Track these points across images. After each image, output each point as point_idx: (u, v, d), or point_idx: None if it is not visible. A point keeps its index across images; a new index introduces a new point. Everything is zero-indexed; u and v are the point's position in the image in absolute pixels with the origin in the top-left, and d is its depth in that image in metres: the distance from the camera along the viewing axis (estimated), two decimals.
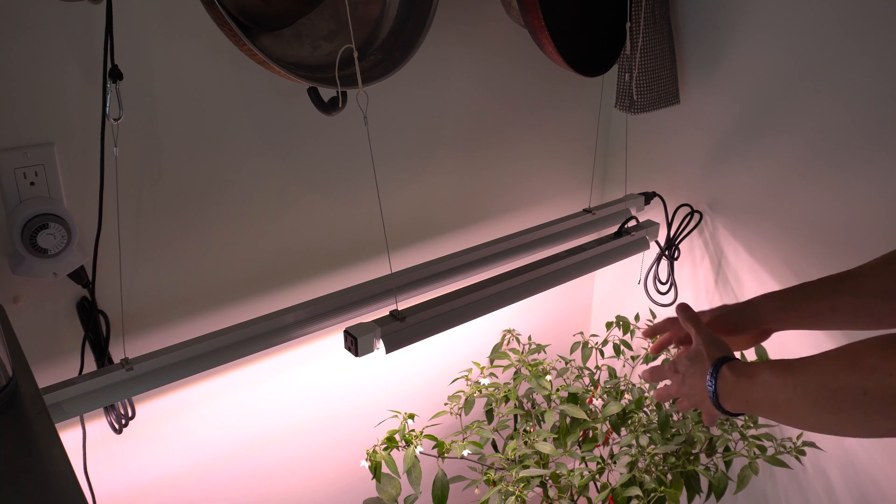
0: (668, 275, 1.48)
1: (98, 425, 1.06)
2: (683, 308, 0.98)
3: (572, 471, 1.21)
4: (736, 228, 1.38)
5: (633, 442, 1.25)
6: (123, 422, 1.03)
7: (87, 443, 1.04)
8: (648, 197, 1.45)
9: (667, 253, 1.46)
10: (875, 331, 0.90)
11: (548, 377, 1.35)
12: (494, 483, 1.18)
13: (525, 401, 1.37)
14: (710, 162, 1.39)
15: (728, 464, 1.25)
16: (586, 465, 1.24)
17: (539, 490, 1.24)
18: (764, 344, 1.03)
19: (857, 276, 0.88)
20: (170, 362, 0.99)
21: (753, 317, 0.96)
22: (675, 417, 1.32)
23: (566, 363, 1.42)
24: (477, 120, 1.33)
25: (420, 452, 1.18)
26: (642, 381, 1.40)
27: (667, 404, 1.33)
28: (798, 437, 1.26)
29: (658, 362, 1.01)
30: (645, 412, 1.31)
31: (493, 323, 1.50)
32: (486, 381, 1.34)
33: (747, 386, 0.79)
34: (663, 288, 1.49)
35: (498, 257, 1.29)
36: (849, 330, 0.91)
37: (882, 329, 0.86)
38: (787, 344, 1.30)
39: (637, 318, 1.53)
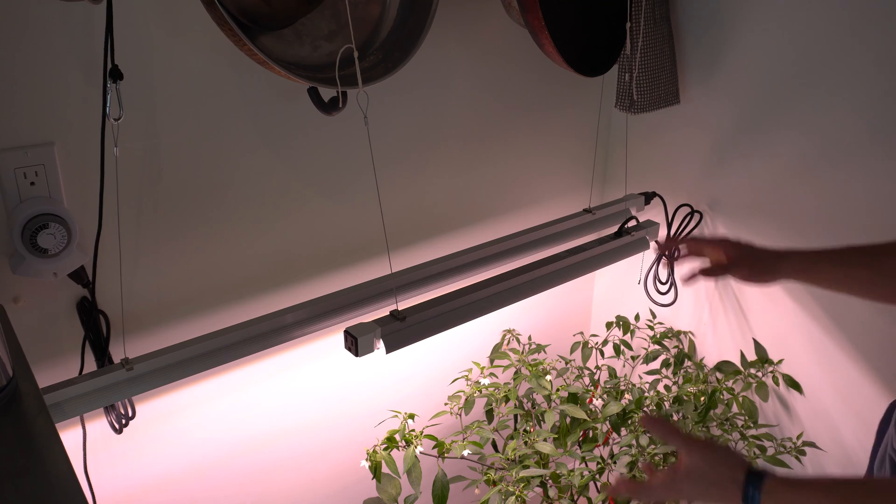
0: (668, 275, 1.48)
1: (98, 425, 1.06)
2: (653, 423, 0.89)
3: (572, 471, 1.21)
4: (736, 228, 1.38)
5: (633, 442, 1.25)
6: (123, 422, 1.03)
7: (87, 443, 1.04)
8: (648, 197, 1.45)
9: (667, 253, 1.46)
10: (886, 304, 0.95)
11: (548, 377, 1.35)
12: (494, 483, 1.18)
13: (525, 401, 1.37)
14: (710, 162, 1.39)
15: None
16: (586, 465, 1.24)
17: (539, 490, 1.24)
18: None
19: (881, 254, 0.90)
20: (170, 362, 0.99)
21: (774, 267, 0.98)
22: (675, 417, 1.32)
23: (566, 363, 1.42)
24: (477, 120, 1.33)
25: (420, 452, 1.18)
26: (642, 381, 1.41)
27: (667, 404, 1.33)
28: (798, 437, 1.26)
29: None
30: (645, 412, 1.31)
31: (493, 323, 1.50)
32: (486, 381, 1.34)
33: None
34: (663, 288, 1.49)
35: (498, 257, 1.29)
36: (859, 297, 0.94)
37: (891, 304, 0.89)
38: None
39: (637, 318, 1.53)
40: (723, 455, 0.78)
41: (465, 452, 1.20)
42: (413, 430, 1.20)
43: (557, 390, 1.34)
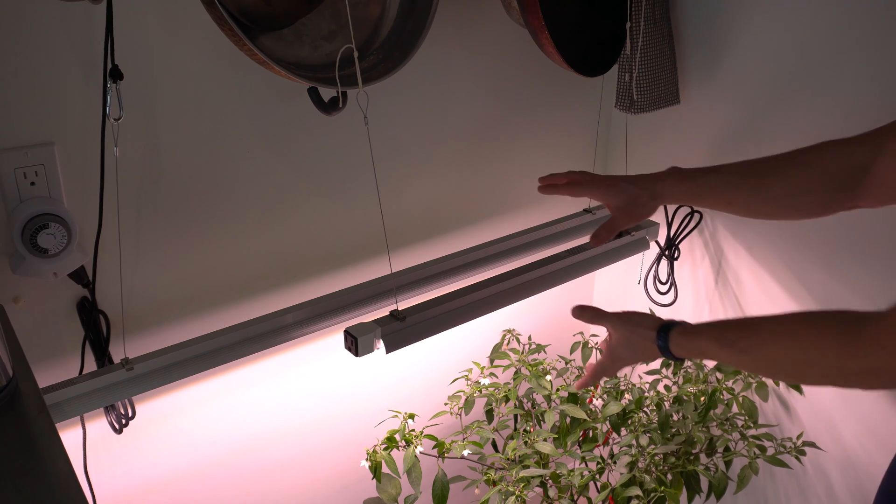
0: (668, 275, 1.48)
1: (98, 425, 1.06)
2: (583, 309, 1.02)
3: (572, 471, 1.21)
4: (736, 228, 1.38)
5: (633, 442, 1.25)
6: (123, 422, 1.03)
7: (87, 443, 1.04)
8: None
9: (667, 253, 1.46)
10: (766, 220, 1.06)
11: (548, 377, 1.35)
12: (494, 483, 1.18)
13: (525, 401, 1.37)
14: (710, 162, 1.38)
15: (728, 464, 1.26)
16: (586, 465, 1.24)
17: (539, 490, 1.24)
18: None
19: (760, 175, 0.93)
20: (170, 362, 0.99)
21: (654, 196, 1.01)
22: (675, 417, 1.32)
23: (566, 363, 1.42)
24: (477, 120, 1.33)
25: (420, 452, 1.18)
26: (642, 381, 1.41)
27: (667, 404, 1.33)
28: (798, 437, 1.26)
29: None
30: (645, 412, 1.31)
31: (493, 323, 1.50)
32: (486, 381, 1.34)
33: (696, 354, 0.89)
34: (663, 288, 1.49)
35: (498, 257, 1.29)
36: (738, 216, 0.98)
37: (766, 219, 1.02)
38: None
39: None
40: (640, 320, 0.94)
41: (465, 452, 1.20)
42: (413, 430, 1.20)
43: (557, 390, 1.34)
